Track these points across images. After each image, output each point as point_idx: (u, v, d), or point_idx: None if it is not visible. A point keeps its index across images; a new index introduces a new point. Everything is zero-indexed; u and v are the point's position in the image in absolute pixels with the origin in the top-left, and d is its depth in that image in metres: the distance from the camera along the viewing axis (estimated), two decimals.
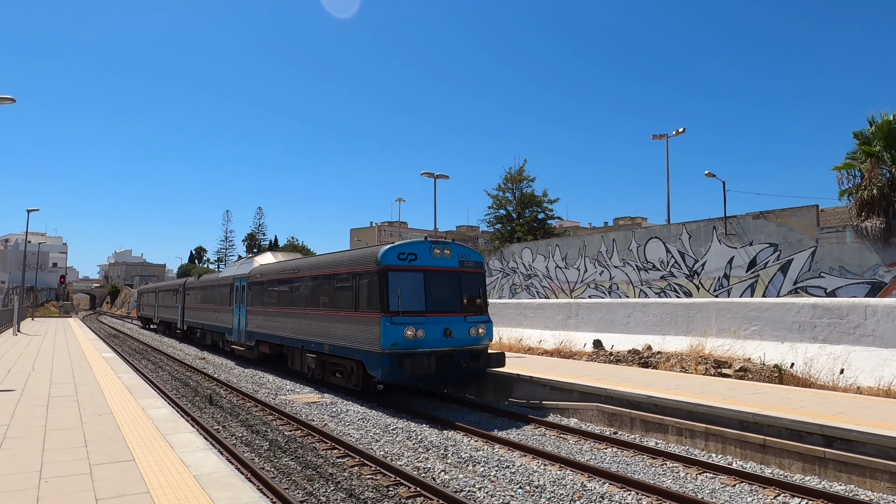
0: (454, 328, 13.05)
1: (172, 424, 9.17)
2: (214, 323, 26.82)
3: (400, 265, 13.07)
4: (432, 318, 12.94)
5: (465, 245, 14.26)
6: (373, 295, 13.22)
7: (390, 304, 12.69)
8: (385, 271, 12.94)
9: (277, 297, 19.45)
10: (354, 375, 14.25)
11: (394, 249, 13.22)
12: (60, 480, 6.24)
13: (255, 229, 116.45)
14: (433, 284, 13.29)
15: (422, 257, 13.35)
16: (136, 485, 6.12)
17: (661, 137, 32.60)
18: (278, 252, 23.88)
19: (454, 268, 13.78)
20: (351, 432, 11.17)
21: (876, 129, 20.43)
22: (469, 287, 13.97)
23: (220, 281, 26.78)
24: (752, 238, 22.80)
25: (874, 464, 7.85)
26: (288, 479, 8.46)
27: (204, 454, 7.41)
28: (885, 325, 13.57)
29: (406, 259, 13.15)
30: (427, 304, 13.08)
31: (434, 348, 12.67)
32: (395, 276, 12.92)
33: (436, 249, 13.52)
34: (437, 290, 13.29)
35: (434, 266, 13.44)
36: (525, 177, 37.59)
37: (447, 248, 13.80)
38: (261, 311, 20.68)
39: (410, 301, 12.92)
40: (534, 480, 8.20)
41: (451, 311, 13.35)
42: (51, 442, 7.91)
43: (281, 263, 20.70)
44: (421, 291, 13.08)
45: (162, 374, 20.08)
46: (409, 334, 12.48)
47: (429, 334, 12.66)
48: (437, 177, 34.62)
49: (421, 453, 9.68)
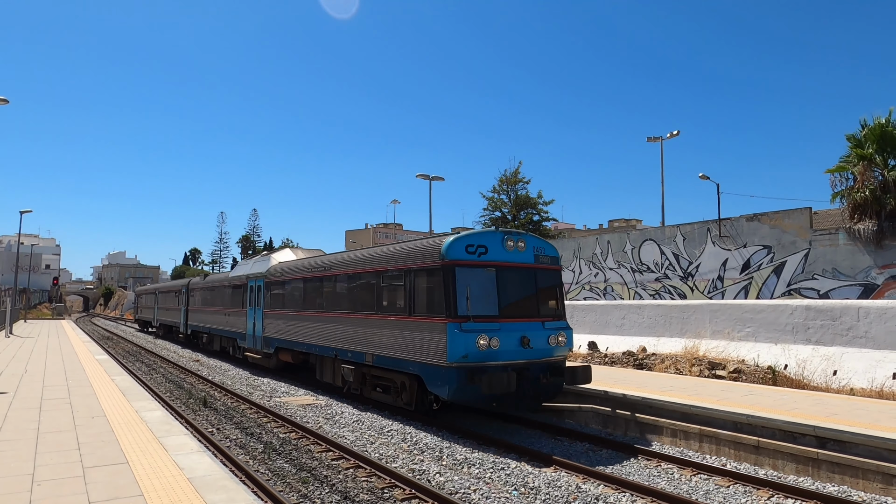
0: (532, 336, 11.01)
1: (166, 427, 9.13)
2: (224, 327, 24.48)
3: (468, 260, 11.04)
4: (507, 324, 10.90)
5: (539, 236, 12.22)
6: (435, 296, 11.18)
7: (458, 308, 10.61)
8: (451, 267, 10.84)
9: (303, 299, 17.22)
10: (406, 392, 12.12)
11: (461, 241, 11.15)
12: (53, 483, 6.21)
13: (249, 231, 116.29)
14: (507, 283, 11.30)
15: (493, 250, 11.31)
16: (130, 487, 6.09)
17: (656, 140, 32.74)
18: (298, 249, 21.69)
19: (529, 263, 11.72)
20: (346, 434, 11.15)
21: (868, 131, 20.60)
22: (546, 286, 12.02)
23: (230, 281, 24.37)
24: (746, 240, 22.92)
25: (867, 465, 7.90)
26: (283, 481, 8.44)
27: (198, 457, 7.38)
28: (877, 327, 13.65)
29: (475, 252, 11.13)
30: (501, 307, 11.06)
31: (510, 360, 10.74)
32: (463, 273, 10.85)
33: (509, 241, 11.48)
34: (511, 291, 11.38)
35: (507, 261, 11.40)
36: (520, 179, 37.71)
37: (521, 239, 11.75)
38: (281, 314, 18.51)
39: (481, 303, 10.87)
40: (528, 482, 8.21)
41: (528, 316, 11.40)
42: (43, 445, 7.86)
43: (307, 260, 18.09)
44: (493, 292, 11.08)
45: (156, 376, 19.99)
46: (481, 344, 10.42)
47: (504, 344, 10.67)
48: (432, 179, 34.68)
49: (416, 455, 9.67)
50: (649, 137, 32.96)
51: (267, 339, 19.32)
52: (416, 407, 11.97)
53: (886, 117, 20.40)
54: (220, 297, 25.42)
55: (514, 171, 37.82)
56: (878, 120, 20.49)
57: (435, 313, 11.03)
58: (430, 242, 11.81)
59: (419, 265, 11.69)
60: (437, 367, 10.74)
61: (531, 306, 11.63)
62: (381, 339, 12.63)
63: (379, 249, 14.05)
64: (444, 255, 11.00)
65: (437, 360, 10.74)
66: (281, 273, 19.15)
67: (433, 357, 10.85)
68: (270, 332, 19.13)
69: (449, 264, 10.90)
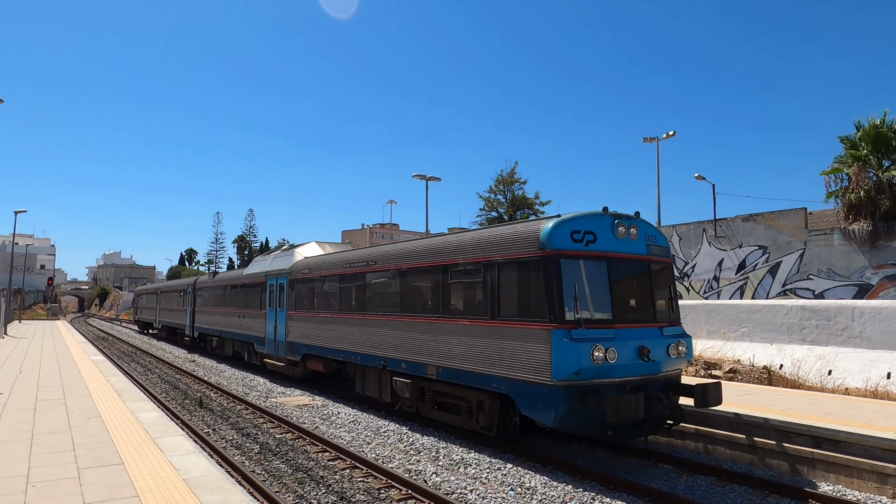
0: (652, 346, 8.83)
1: (162, 428, 9.11)
2: (237, 330, 22.09)
3: (575, 249, 8.87)
4: (623, 330, 8.77)
5: (648, 222, 10.04)
6: (531, 295, 9.10)
7: (566, 310, 8.49)
8: (555, 259, 8.68)
9: (340, 299, 14.91)
10: (485, 414, 10.00)
11: (565, 226, 8.95)
12: (48, 484, 6.18)
13: (245, 231, 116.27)
14: (619, 279, 9.24)
15: (602, 238, 9.10)
16: (125, 489, 6.07)
17: (652, 140, 32.81)
18: (325, 243, 19.00)
19: (642, 254, 9.56)
20: (342, 435, 11.14)
21: (863, 133, 20.72)
22: (659, 283, 9.85)
23: (245, 279, 22.00)
24: (742, 240, 23.01)
25: (862, 464, 7.94)
26: (279, 482, 8.42)
27: (194, 457, 7.37)
28: (872, 327, 13.72)
29: (582, 240, 8.95)
30: (614, 309, 8.93)
31: (627, 377, 8.57)
32: (569, 267, 8.74)
33: (620, 226, 9.28)
34: (624, 289, 9.33)
35: (619, 251, 9.21)
36: (516, 179, 37.70)
37: (633, 224, 9.53)
38: (311, 316, 16.27)
39: (592, 305, 8.82)
40: (525, 482, 8.21)
41: (644, 320, 9.30)
42: (38, 446, 7.83)
43: (345, 254, 15.68)
44: (605, 290, 8.96)
45: (151, 376, 19.93)
46: (597, 356, 8.22)
47: (620, 356, 8.45)
48: (428, 179, 34.66)
49: (412, 455, 9.67)
50: (645, 138, 32.98)
51: (292, 345, 17.12)
52: (498, 432, 9.89)
53: (881, 118, 20.53)
54: (233, 298, 23.16)
55: (511, 171, 37.81)
56: (872, 121, 20.62)
57: (531, 317, 8.89)
58: (523, 229, 9.61)
59: (506, 256, 9.53)
60: (538, 385, 8.55)
61: (647, 308, 9.49)
62: (450, 348, 10.42)
63: (445, 239, 11.71)
64: (545, 243, 8.86)
65: (535, 377, 8.57)
66: (309, 269, 16.79)
67: (530, 372, 8.69)
68: (296, 336, 16.93)
69: (551, 255, 8.73)
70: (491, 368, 9.49)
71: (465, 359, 10.10)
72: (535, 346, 8.64)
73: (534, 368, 8.63)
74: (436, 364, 10.86)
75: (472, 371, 9.91)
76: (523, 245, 9.27)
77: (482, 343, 9.74)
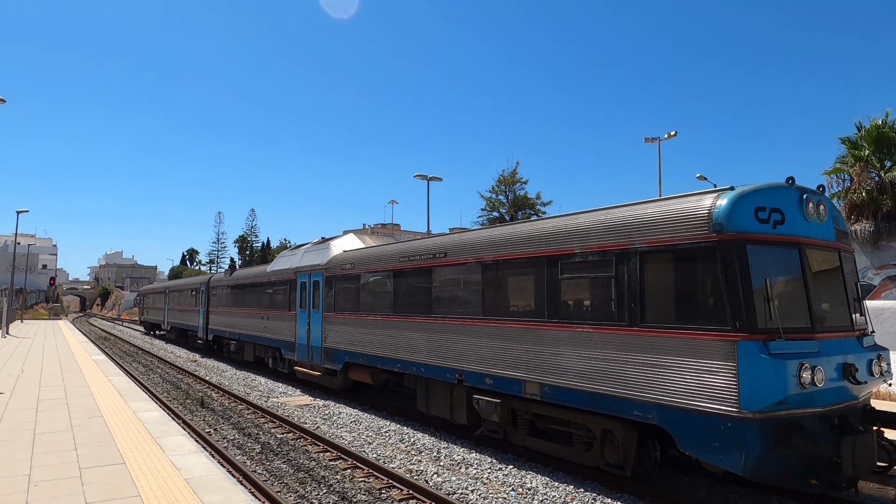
0: (856, 362, 6.97)
1: (163, 427, 9.13)
2: (261, 334, 19.90)
3: (762, 233, 6.85)
4: (826, 342, 6.84)
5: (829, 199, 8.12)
6: (703, 293, 7.11)
7: (758, 315, 6.48)
8: (740, 244, 6.65)
9: (395, 298, 12.67)
10: (615, 448, 7.98)
11: (748, 200, 6.85)
12: (50, 484, 6.20)
13: (247, 231, 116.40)
14: (813, 274, 7.28)
15: (791, 218, 7.10)
16: (127, 488, 6.08)
17: (653, 141, 32.79)
18: (364, 234, 17.17)
19: (832, 241, 7.65)
20: (343, 435, 11.15)
21: (864, 133, 20.69)
22: (850, 280, 7.91)
23: (269, 276, 19.71)
24: None
25: None
26: (280, 482, 8.43)
27: (195, 457, 7.38)
28: (874, 328, 13.67)
29: (769, 220, 6.92)
30: (811, 313, 6.92)
31: (830, 405, 6.69)
32: (759, 256, 6.73)
33: (809, 203, 7.29)
34: (818, 286, 7.37)
35: (810, 237, 7.26)
36: (518, 179, 37.76)
37: (822, 201, 7.60)
38: (355, 318, 14.03)
39: (786, 308, 6.83)
40: (526, 483, 8.22)
41: (842, 328, 7.33)
42: (40, 445, 7.85)
43: (400, 246, 13.20)
44: (801, 287, 6.99)
45: (153, 376, 19.95)
46: (804, 379, 6.28)
47: (827, 377, 6.53)
48: (430, 179, 34.68)
49: (413, 456, 9.68)
50: (647, 138, 32.98)
51: (330, 352, 14.93)
52: (634, 472, 7.86)
53: (883, 119, 20.50)
54: (255, 297, 20.87)
55: (512, 171, 37.88)
56: (874, 121, 20.59)
57: (699, 323, 6.82)
58: (680, 206, 7.27)
59: (654, 243, 7.36)
60: (714, 417, 6.47)
61: (842, 312, 7.52)
62: (562, 361, 8.37)
63: (552, 223, 9.25)
64: (723, 223, 6.68)
65: (710, 405, 6.50)
66: (352, 264, 14.48)
67: (699, 399, 6.62)
68: (336, 341, 14.71)
69: (733, 239, 6.63)
70: (629, 390, 7.39)
71: (584, 376, 8.01)
72: (710, 364, 6.56)
73: (706, 394, 6.55)
74: (538, 381, 8.74)
75: (598, 392, 7.79)
76: (683, 226, 7.09)
77: (615, 356, 7.65)
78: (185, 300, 31.45)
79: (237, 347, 22.93)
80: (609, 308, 7.93)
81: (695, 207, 7.02)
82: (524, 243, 9.43)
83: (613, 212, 8.18)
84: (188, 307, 30.64)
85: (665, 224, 7.28)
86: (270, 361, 19.73)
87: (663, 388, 6.98)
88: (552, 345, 8.58)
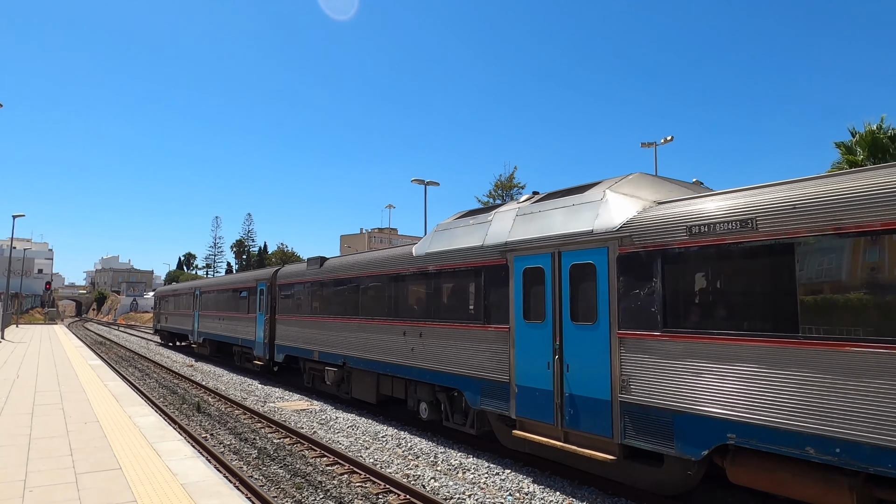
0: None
1: (160, 432, 9.10)
2: (404, 361, 11.72)
3: None
4: None
5: None
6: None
7: None
8: None
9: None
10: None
11: None
12: (45, 489, 6.17)
13: (244, 235, 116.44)
14: None
15: None
16: (123, 494, 6.06)
17: (650, 146, 32.90)
18: (664, 178, 9.10)
19: None
20: (340, 440, 11.13)
21: (859, 138, 20.80)
22: None
23: (421, 263, 11.56)
24: None
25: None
26: (277, 487, 8.41)
27: (192, 462, 7.36)
28: None
29: None
30: None
31: None
32: None
33: None
34: None
35: None
36: (515, 183, 37.82)
37: None
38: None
39: None
40: (523, 487, 8.21)
41: None
42: (35, 451, 7.81)
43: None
44: None
45: (149, 381, 19.89)
46: None
47: None
48: (427, 183, 34.73)
49: (411, 460, 9.66)
50: (643, 143, 33.07)
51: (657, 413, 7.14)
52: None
53: (878, 124, 20.61)
54: (380, 298, 13.01)
55: (510, 175, 37.93)
56: (868, 127, 20.70)
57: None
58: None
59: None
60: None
61: None
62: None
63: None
64: None
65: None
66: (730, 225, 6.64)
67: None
68: (663, 390, 7.09)
69: None
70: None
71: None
72: None
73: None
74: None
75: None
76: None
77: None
78: (225, 304, 24.51)
79: (340, 377, 14.80)
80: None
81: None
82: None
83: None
84: (230, 313, 23.67)
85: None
86: (424, 408, 11.48)
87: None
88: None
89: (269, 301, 19.36)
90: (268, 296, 19.49)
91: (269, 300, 19.36)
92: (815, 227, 5.91)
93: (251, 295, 21.19)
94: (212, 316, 26.30)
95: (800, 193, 6.11)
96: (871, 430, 5.55)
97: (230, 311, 23.76)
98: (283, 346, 18.09)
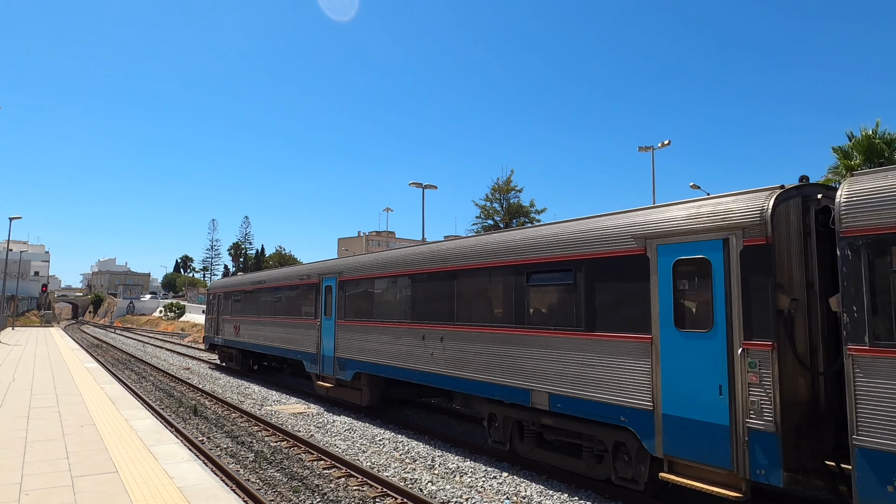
0: None
1: (156, 435, 9.08)
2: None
3: None
4: None
5: None
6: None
7: None
8: None
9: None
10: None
11: None
12: (41, 493, 6.16)
13: (241, 238, 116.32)
14: None
15: None
16: (120, 497, 6.05)
17: (647, 150, 32.99)
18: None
19: None
20: (337, 443, 11.12)
21: (855, 143, 20.92)
22: None
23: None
24: None
25: None
26: (273, 490, 8.39)
27: (188, 465, 7.35)
28: None
29: None
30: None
31: None
32: None
33: None
34: None
35: None
36: (512, 187, 37.94)
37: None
38: None
39: None
40: (521, 491, 8.21)
41: None
42: (31, 454, 7.79)
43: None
44: None
45: (146, 384, 19.83)
46: None
47: None
48: (425, 187, 34.79)
49: (408, 464, 9.66)
50: (641, 147, 33.17)
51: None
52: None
53: (874, 129, 20.73)
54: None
55: (507, 179, 38.06)
56: (864, 131, 20.82)
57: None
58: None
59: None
60: None
61: None
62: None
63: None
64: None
65: None
66: None
67: None
68: None
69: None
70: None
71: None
72: None
73: None
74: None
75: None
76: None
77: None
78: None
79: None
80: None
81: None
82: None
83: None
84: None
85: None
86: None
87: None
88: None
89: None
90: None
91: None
92: None
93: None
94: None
95: None
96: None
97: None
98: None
